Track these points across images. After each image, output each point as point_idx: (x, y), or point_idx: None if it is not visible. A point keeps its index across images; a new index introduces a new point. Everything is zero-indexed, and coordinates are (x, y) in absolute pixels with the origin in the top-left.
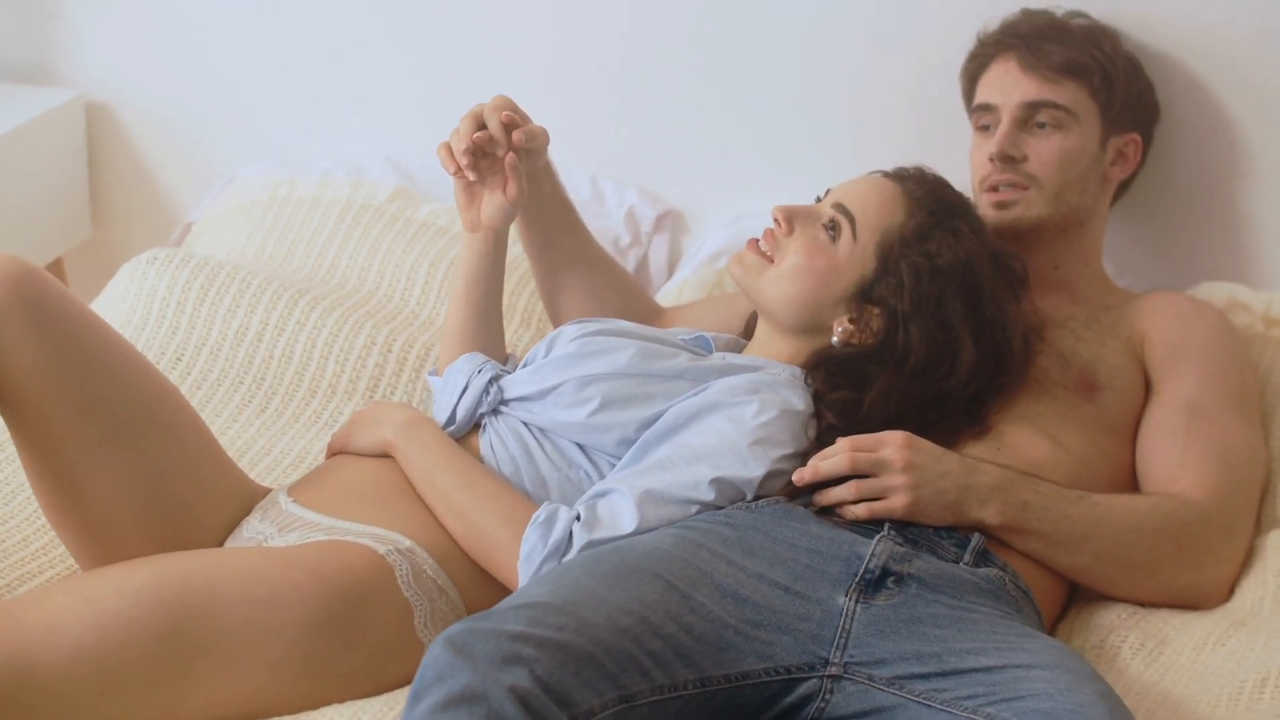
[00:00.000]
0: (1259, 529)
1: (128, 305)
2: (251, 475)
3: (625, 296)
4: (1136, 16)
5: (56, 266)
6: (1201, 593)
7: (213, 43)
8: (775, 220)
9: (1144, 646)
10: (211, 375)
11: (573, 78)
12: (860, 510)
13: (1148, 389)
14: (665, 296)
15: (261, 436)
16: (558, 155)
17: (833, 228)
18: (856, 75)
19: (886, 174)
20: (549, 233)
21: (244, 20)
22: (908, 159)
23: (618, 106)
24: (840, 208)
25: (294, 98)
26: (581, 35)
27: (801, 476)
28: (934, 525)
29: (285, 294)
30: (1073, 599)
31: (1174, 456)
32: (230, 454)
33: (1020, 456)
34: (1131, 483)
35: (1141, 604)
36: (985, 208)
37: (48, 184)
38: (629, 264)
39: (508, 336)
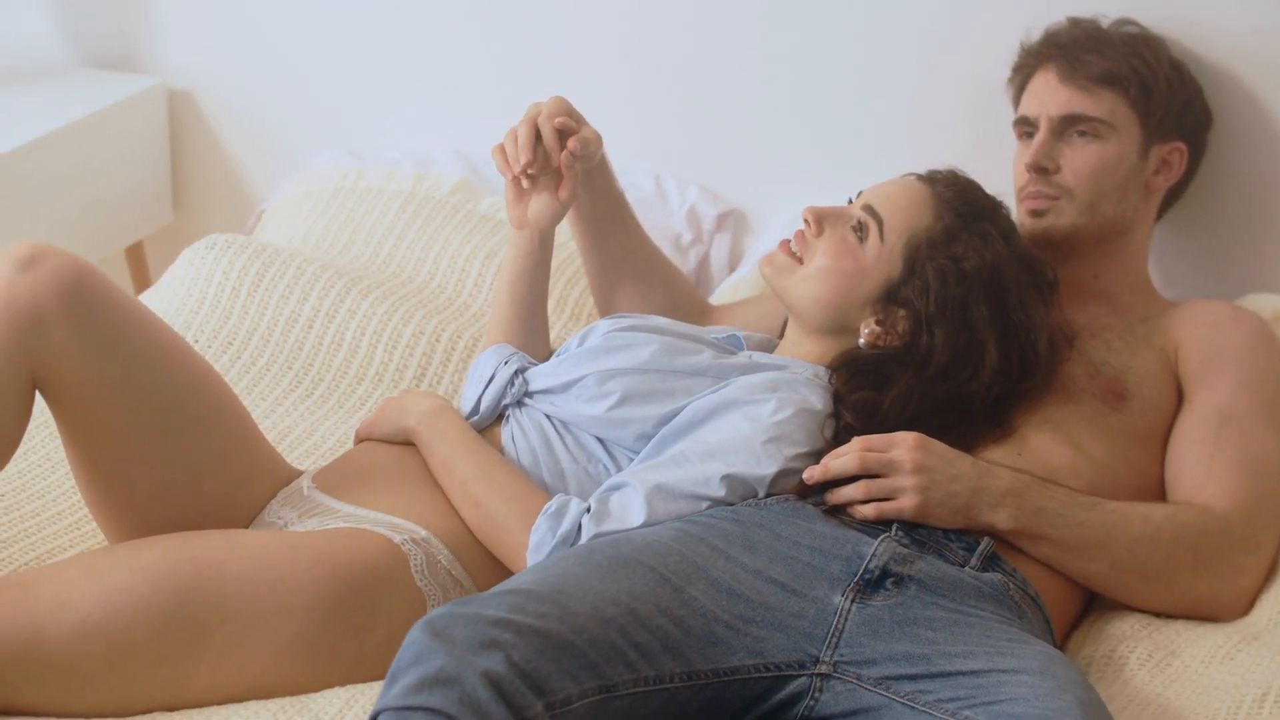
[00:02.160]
0: None
1: (184, 289)
2: (291, 458)
3: (674, 294)
4: (1190, 24)
5: (137, 249)
6: (1219, 604)
7: (292, 34)
8: (805, 221)
9: (1152, 657)
10: (261, 359)
11: (639, 75)
12: (868, 510)
13: (1180, 400)
14: (721, 295)
15: (304, 420)
16: (623, 151)
17: (860, 229)
18: (915, 78)
19: (920, 176)
20: (601, 228)
21: (323, 12)
22: (972, 160)
23: (683, 105)
24: (869, 209)
25: (369, 89)
26: (648, 33)
27: (812, 474)
28: (944, 528)
29: (339, 282)
30: (1091, 607)
31: (1201, 465)
32: (271, 437)
33: (1041, 462)
34: (1158, 494)
35: (1158, 614)
36: (1022, 215)
37: (131, 169)
38: (690, 262)
39: (556, 331)
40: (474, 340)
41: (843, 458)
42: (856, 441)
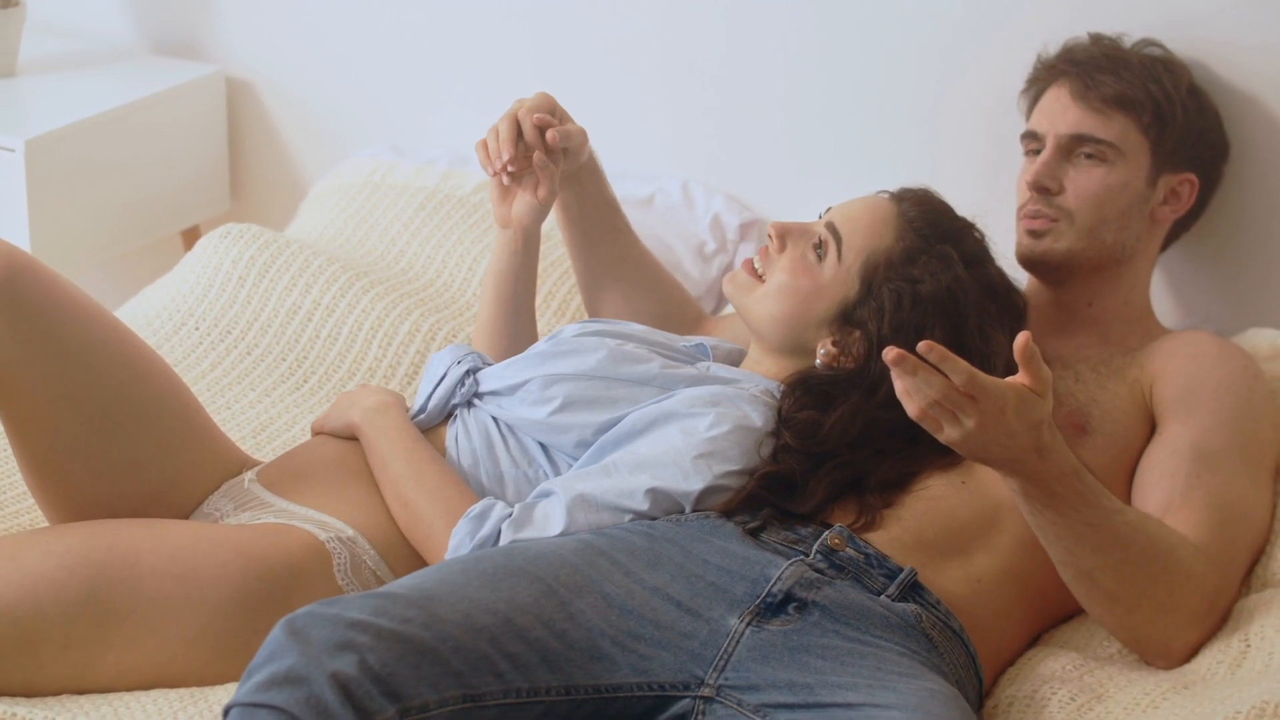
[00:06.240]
0: (1244, 590)
1: (194, 276)
2: (268, 449)
3: (663, 302)
4: (1217, 47)
5: (193, 234)
6: (1163, 646)
7: (350, 29)
8: (769, 236)
9: (1074, 700)
10: (257, 349)
11: (673, 82)
12: (913, 409)
13: (1150, 436)
14: None
15: (288, 412)
16: (653, 157)
17: (820, 247)
18: (940, 90)
19: (890, 195)
20: (589, 232)
21: (381, 10)
22: (994, 172)
23: (714, 113)
24: (830, 227)
25: (418, 87)
26: (681, 42)
27: (897, 354)
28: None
29: (342, 276)
30: (1032, 643)
31: (1174, 497)
32: (252, 427)
33: (985, 493)
34: None
35: (1108, 630)
36: (1020, 234)
37: (189, 154)
38: (713, 270)
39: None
40: (469, 340)
41: (931, 384)
42: (963, 372)
